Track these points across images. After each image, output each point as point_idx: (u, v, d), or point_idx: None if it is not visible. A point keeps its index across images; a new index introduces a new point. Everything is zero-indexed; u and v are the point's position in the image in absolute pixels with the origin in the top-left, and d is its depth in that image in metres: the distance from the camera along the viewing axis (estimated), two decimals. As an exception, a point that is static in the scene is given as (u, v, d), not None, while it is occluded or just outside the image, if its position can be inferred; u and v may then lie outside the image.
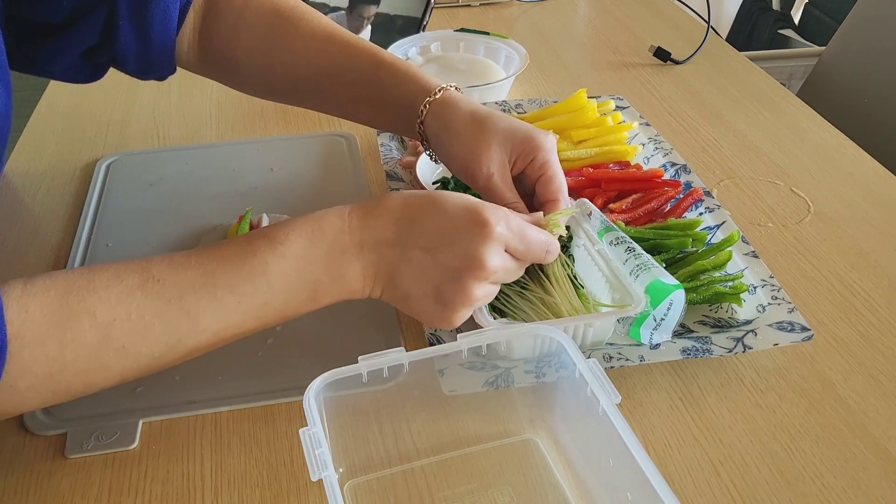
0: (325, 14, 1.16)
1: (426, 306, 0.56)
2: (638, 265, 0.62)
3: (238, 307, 0.52)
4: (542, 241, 0.58)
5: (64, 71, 0.67)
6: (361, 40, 0.69)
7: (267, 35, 0.70)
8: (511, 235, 0.55)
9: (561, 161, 0.83)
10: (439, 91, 0.65)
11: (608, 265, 0.64)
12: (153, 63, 0.68)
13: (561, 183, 0.64)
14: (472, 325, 0.59)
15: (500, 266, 0.55)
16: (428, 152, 0.69)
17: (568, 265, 0.66)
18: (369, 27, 1.17)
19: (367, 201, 0.57)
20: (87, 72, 0.68)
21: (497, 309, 0.63)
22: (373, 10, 1.17)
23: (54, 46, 0.64)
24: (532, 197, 0.65)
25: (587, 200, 0.71)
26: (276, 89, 0.74)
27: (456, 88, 0.66)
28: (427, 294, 0.55)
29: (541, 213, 0.62)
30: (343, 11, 1.19)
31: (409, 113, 0.66)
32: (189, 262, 0.52)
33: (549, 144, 0.64)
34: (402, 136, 0.91)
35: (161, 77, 0.71)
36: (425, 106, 0.64)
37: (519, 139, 0.63)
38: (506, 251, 0.56)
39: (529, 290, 0.63)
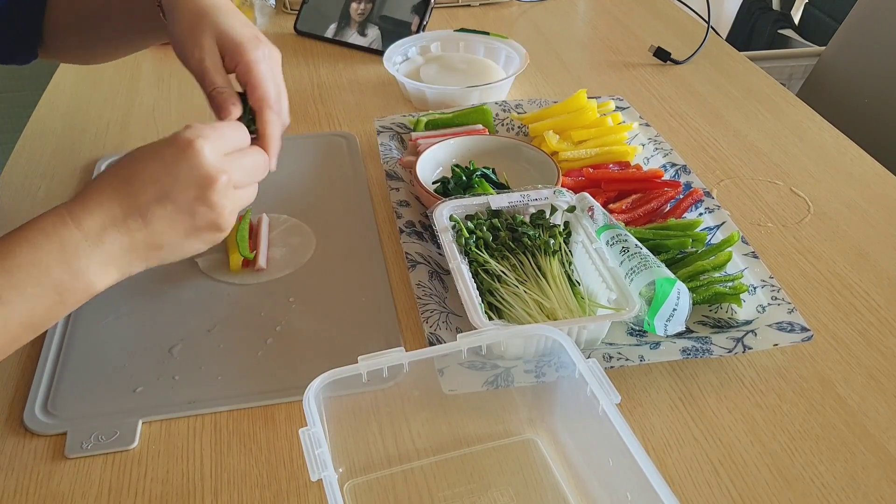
0: (333, 15, 1.17)
1: (194, 243, 0.57)
2: (636, 264, 0.62)
3: None
4: (239, 129, 0.60)
5: None
6: None
7: None
8: (215, 136, 0.56)
9: (561, 161, 0.84)
10: None
11: (605, 265, 0.65)
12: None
13: (265, 92, 0.64)
14: (471, 325, 0.59)
15: (226, 164, 0.56)
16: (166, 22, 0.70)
17: (565, 262, 0.66)
18: (372, 28, 1.17)
19: (78, 193, 0.55)
20: None
21: (494, 308, 0.64)
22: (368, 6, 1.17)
23: None
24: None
25: (588, 195, 0.71)
26: (99, 38, 0.79)
27: None
28: (188, 233, 0.56)
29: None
30: (346, 12, 1.19)
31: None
32: None
33: (258, 55, 0.64)
34: (402, 139, 0.91)
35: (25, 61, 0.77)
36: None
37: (228, 40, 0.65)
38: (226, 155, 0.57)
39: (526, 289, 0.63)
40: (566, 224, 0.70)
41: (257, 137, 0.63)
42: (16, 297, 0.51)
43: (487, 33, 1.11)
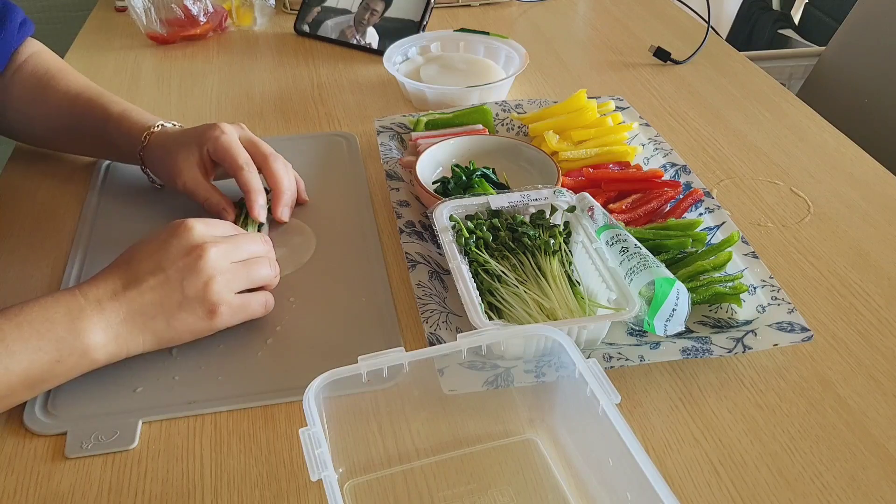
0: (336, 16, 1.17)
1: (188, 317, 0.60)
2: (636, 264, 0.62)
3: None
4: (227, 224, 0.67)
5: None
6: (103, 96, 0.84)
7: (33, 89, 0.85)
8: (208, 222, 0.64)
9: (561, 161, 0.84)
10: (146, 137, 0.79)
11: (605, 265, 0.65)
12: None
13: (232, 157, 0.74)
14: (471, 325, 0.59)
15: (216, 239, 0.62)
16: (151, 177, 0.83)
17: (565, 262, 0.66)
18: (372, 28, 1.17)
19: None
20: None
21: (494, 308, 0.64)
22: (381, 5, 1.17)
23: None
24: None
25: (588, 195, 0.71)
26: (35, 136, 0.90)
27: (163, 126, 0.80)
28: (181, 304, 0.60)
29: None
30: (350, 15, 1.19)
31: (132, 155, 0.81)
32: None
33: (215, 132, 0.75)
34: (402, 139, 0.91)
35: None
36: (140, 151, 0.80)
37: (196, 140, 0.76)
38: (219, 236, 0.63)
39: (526, 289, 0.63)
40: (566, 224, 0.70)
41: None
42: (20, 348, 0.54)
43: (487, 33, 1.11)
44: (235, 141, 0.76)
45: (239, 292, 0.63)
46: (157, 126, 0.80)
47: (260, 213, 0.74)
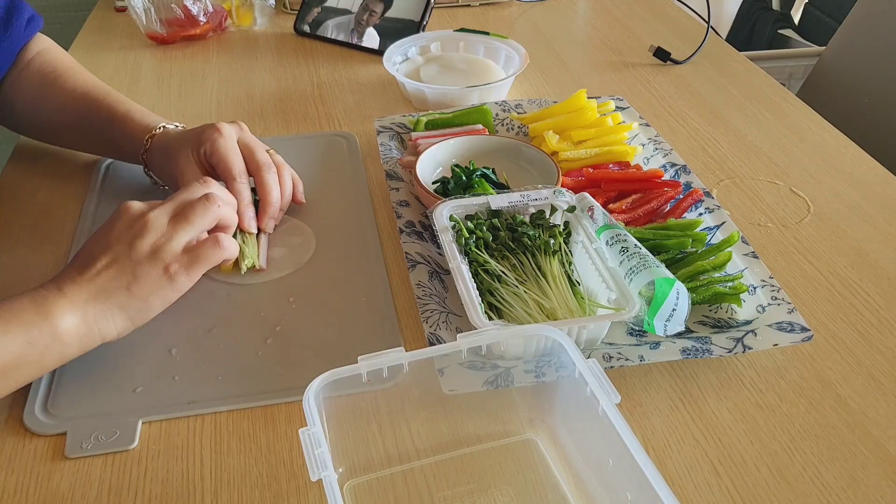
0: (336, 16, 1.17)
1: (148, 282, 0.61)
2: (635, 264, 0.62)
3: None
4: (187, 191, 0.66)
5: None
6: (109, 95, 0.85)
7: (41, 86, 0.86)
8: (155, 204, 0.65)
9: (561, 161, 0.84)
10: (148, 140, 0.80)
11: (605, 265, 0.65)
12: None
13: (226, 165, 0.74)
14: (471, 325, 0.59)
15: (149, 208, 0.63)
16: (154, 180, 0.83)
17: (565, 262, 0.66)
18: (372, 29, 1.17)
19: None
20: None
21: (494, 308, 0.64)
22: (380, 6, 1.17)
23: None
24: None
25: (588, 195, 0.71)
26: (42, 132, 0.90)
27: (164, 127, 0.80)
28: (135, 273, 0.60)
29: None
30: (350, 15, 1.19)
31: (135, 157, 0.82)
32: None
33: (213, 134, 0.75)
34: (402, 139, 0.91)
35: None
36: (143, 153, 0.80)
37: (194, 141, 0.76)
38: (169, 216, 0.64)
39: (526, 289, 0.63)
40: (566, 224, 0.70)
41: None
42: None
43: (487, 33, 1.11)
44: (232, 147, 0.75)
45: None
46: (160, 128, 0.80)
47: (250, 223, 0.74)
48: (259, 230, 0.75)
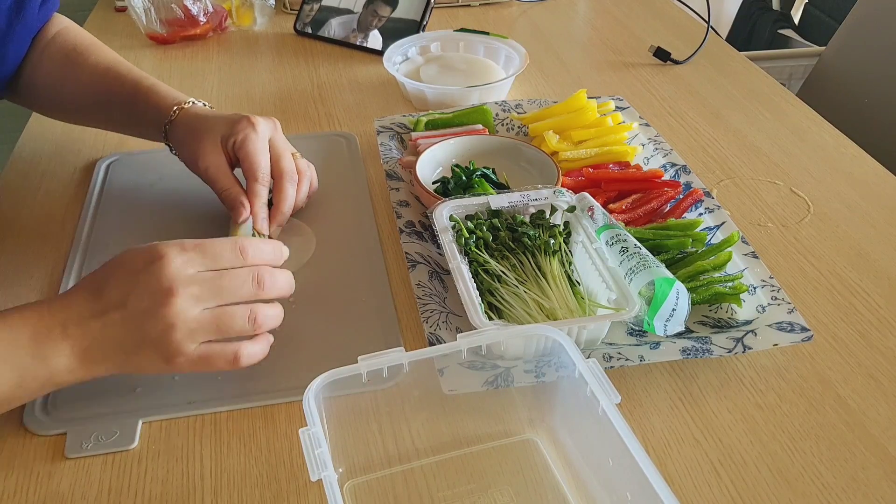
0: (336, 16, 1.17)
1: (147, 358, 0.55)
2: (635, 264, 0.62)
3: None
4: (225, 245, 0.58)
5: None
6: (132, 71, 0.83)
7: (62, 65, 0.84)
8: (190, 253, 0.56)
9: (561, 161, 0.84)
10: (176, 110, 0.78)
11: (605, 265, 0.65)
12: None
13: (253, 164, 0.73)
14: (471, 325, 0.59)
15: (184, 272, 0.55)
16: (175, 153, 0.81)
17: (566, 262, 0.66)
18: (377, 31, 1.17)
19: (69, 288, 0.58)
20: None
21: (494, 308, 0.64)
22: (387, 10, 1.17)
23: None
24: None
25: (588, 195, 0.71)
26: (66, 111, 0.88)
27: (194, 103, 0.79)
28: (140, 345, 0.55)
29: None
30: (354, 14, 1.19)
31: (157, 131, 0.80)
32: None
33: (246, 127, 0.74)
34: (402, 139, 0.91)
35: None
36: (166, 126, 0.78)
37: (226, 128, 0.74)
38: (198, 273, 0.56)
39: (526, 289, 0.63)
40: (566, 224, 0.70)
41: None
42: None
43: (487, 33, 1.11)
44: (262, 147, 0.74)
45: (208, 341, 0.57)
46: (188, 103, 0.79)
47: (262, 225, 0.73)
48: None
